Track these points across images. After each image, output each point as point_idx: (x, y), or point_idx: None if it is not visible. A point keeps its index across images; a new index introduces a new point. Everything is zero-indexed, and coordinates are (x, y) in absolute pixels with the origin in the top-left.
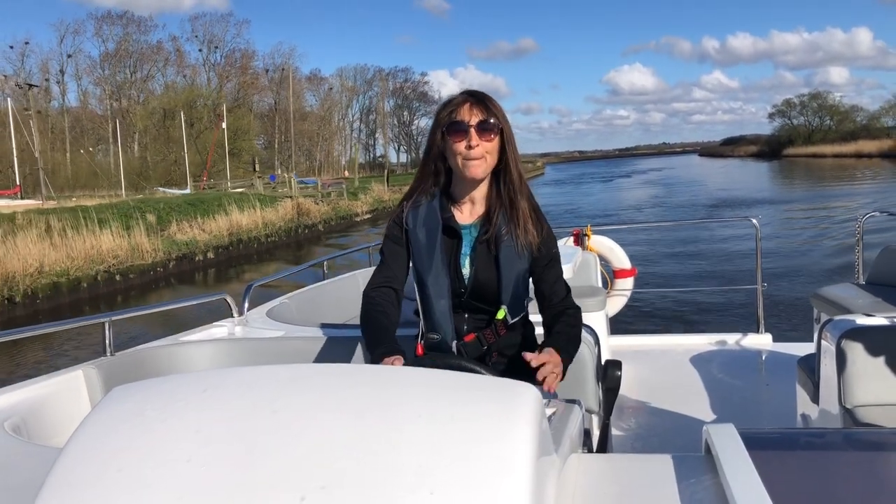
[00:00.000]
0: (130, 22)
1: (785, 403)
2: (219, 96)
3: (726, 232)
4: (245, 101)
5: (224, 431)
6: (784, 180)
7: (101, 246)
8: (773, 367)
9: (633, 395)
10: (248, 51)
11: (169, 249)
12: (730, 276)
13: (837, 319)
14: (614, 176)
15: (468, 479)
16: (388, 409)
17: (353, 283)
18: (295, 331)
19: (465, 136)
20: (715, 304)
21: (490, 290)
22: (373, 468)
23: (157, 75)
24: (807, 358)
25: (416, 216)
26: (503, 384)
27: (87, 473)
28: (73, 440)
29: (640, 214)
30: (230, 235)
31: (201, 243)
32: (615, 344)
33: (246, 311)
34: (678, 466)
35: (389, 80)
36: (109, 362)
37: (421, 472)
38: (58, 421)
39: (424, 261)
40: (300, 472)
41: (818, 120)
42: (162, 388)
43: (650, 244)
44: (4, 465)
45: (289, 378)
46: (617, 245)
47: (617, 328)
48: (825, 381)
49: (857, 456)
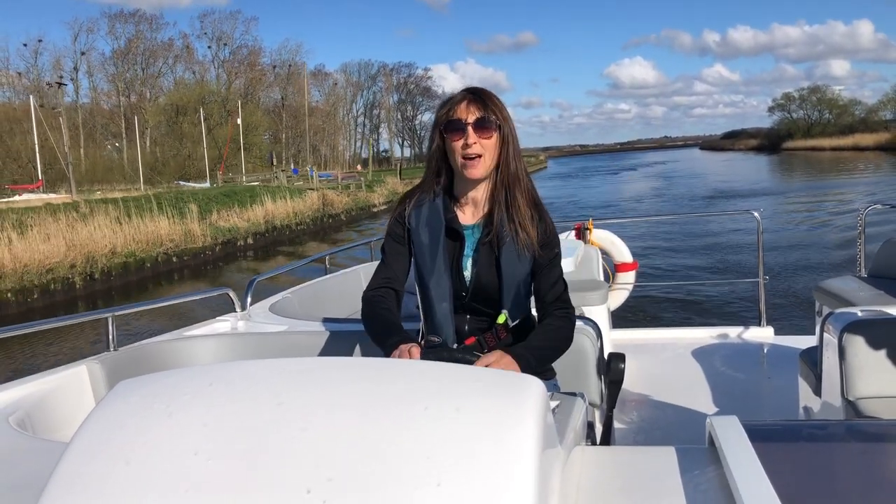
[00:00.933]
0: (142, 20)
1: (787, 396)
2: (228, 92)
3: (728, 225)
4: (253, 97)
5: (231, 424)
6: (781, 173)
7: (159, 231)
8: (775, 360)
9: (635, 388)
10: (255, 47)
11: (215, 235)
12: (732, 269)
13: (839, 312)
14: (620, 169)
15: (475, 471)
16: (394, 402)
17: (355, 278)
18: (298, 325)
19: (462, 134)
20: (717, 298)
21: (491, 293)
22: (379, 460)
23: (166, 72)
24: (809, 351)
25: (418, 215)
26: (509, 377)
27: (94, 466)
28: (80, 433)
29: (643, 205)
30: (266, 223)
31: (242, 230)
32: (617, 338)
33: (249, 306)
34: (682, 458)
35: (393, 75)
36: (113, 357)
37: (428, 464)
38: (61, 415)
39: (427, 262)
40: (306, 464)
41: (817, 113)
42: (168, 382)
43: (653, 237)
44: (10, 459)
45: (295, 371)
46: (619, 239)
47: (619, 322)
48: (827, 374)
49: (861, 447)
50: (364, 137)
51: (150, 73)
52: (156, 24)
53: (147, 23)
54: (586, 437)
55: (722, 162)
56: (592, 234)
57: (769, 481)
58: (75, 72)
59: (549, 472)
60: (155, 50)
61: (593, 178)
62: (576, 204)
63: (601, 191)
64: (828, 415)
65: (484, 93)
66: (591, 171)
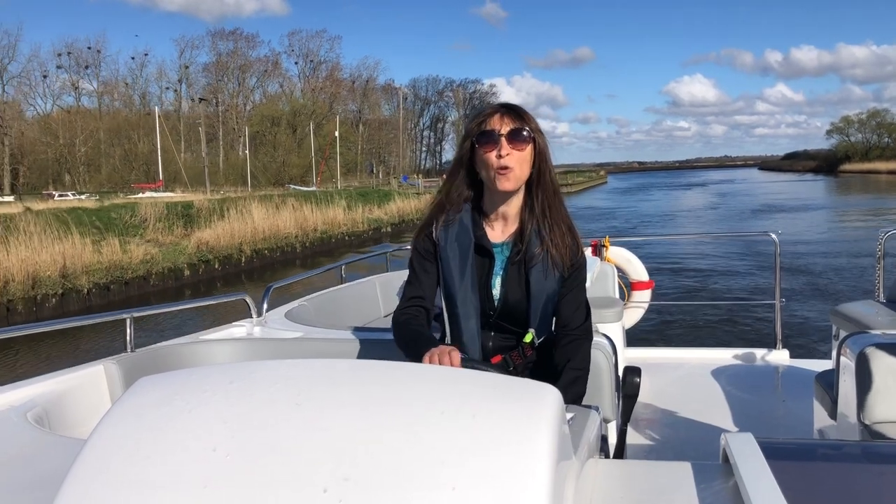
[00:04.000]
0: (240, 38)
1: (802, 419)
2: (315, 105)
3: (747, 247)
4: (334, 110)
5: (250, 422)
6: (827, 193)
7: (337, 217)
8: (790, 382)
9: (649, 405)
10: (337, 63)
11: (368, 223)
12: (749, 290)
13: (857, 335)
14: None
15: (490, 476)
16: (411, 405)
17: (370, 288)
18: (313, 332)
19: (495, 145)
20: (732, 319)
21: (519, 313)
22: (395, 462)
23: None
24: (825, 374)
25: (447, 232)
26: (526, 385)
27: (114, 460)
28: (100, 427)
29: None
30: (399, 216)
31: (384, 220)
32: (631, 356)
33: (265, 312)
34: (696, 474)
35: (459, 91)
36: (129, 358)
37: (443, 468)
38: (78, 413)
39: (456, 281)
40: (324, 463)
41: (876, 137)
42: (188, 379)
43: (670, 257)
44: (27, 454)
45: (314, 372)
46: (635, 256)
47: (633, 341)
48: (843, 397)
49: (878, 469)
50: (429, 149)
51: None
52: (252, 41)
53: (245, 40)
54: (600, 450)
55: (775, 182)
56: (609, 251)
57: (784, 500)
58: (179, 83)
59: (564, 482)
60: (248, 64)
61: (652, 192)
62: (636, 212)
63: (659, 203)
64: (843, 438)
65: (517, 107)
66: (648, 187)
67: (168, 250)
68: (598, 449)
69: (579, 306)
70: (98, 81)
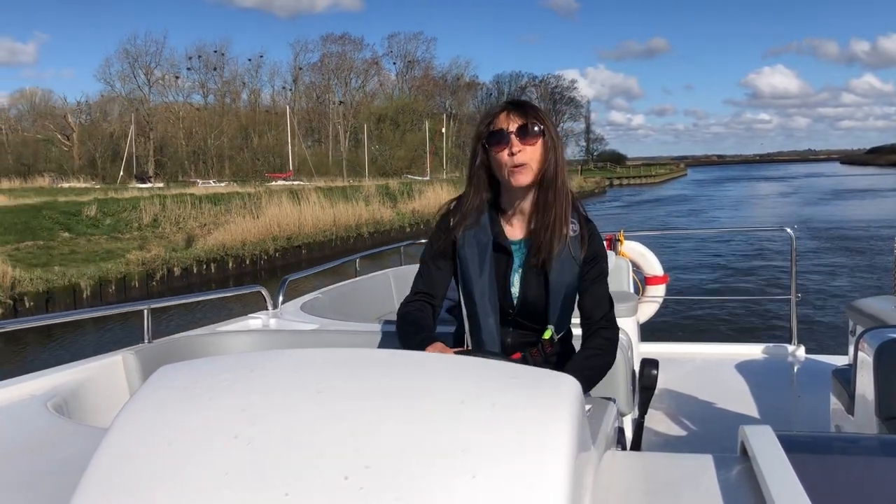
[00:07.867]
0: (348, 41)
1: (818, 415)
2: (415, 102)
3: (764, 243)
4: (429, 107)
5: (271, 410)
6: None
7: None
8: (806, 378)
9: (664, 400)
10: (430, 62)
11: None
12: (764, 285)
13: (875, 329)
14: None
15: (510, 465)
16: (431, 394)
17: (384, 281)
18: (328, 324)
19: (506, 144)
20: (748, 314)
21: (538, 310)
22: (416, 450)
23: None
24: (842, 369)
25: (464, 229)
26: (546, 374)
27: (137, 447)
28: (122, 415)
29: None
30: None
31: None
32: (646, 351)
33: (280, 304)
34: (714, 466)
35: (541, 86)
36: (148, 349)
37: (463, 456)
38: (96, 403)
39: (474, 279)
40: (344, 451)
41: None
42: (209, 368)
43: (685, 251)
44: (49, 442)
45: (334, 361)
46: (649, 251)
47: (647, 336)
48: (861, 393)
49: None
50: None
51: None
52: (358, 44)
53: (352, 44)
54: (617, 441)
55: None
56: (623, 245)
57: (804, 492)
58: (294, 83)
59: (583, 472)
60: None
61: (727, 184)
62: (709, 199)
63: (733, 193)
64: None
65: (523, 102)
66: (726, 180)
67: (398, 213)
68: (616, 441)
69: (602, 299)
70: (221, 81)
